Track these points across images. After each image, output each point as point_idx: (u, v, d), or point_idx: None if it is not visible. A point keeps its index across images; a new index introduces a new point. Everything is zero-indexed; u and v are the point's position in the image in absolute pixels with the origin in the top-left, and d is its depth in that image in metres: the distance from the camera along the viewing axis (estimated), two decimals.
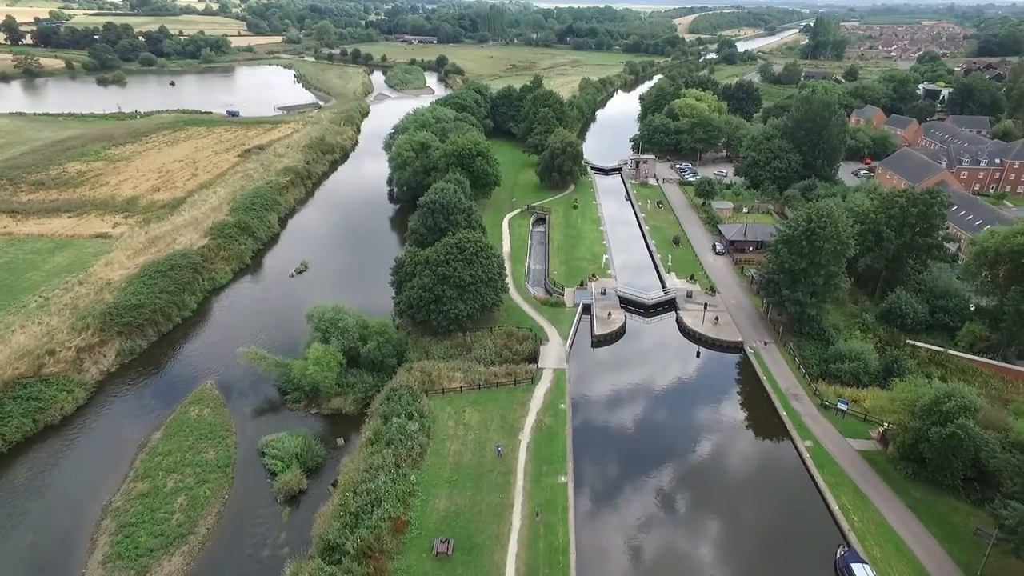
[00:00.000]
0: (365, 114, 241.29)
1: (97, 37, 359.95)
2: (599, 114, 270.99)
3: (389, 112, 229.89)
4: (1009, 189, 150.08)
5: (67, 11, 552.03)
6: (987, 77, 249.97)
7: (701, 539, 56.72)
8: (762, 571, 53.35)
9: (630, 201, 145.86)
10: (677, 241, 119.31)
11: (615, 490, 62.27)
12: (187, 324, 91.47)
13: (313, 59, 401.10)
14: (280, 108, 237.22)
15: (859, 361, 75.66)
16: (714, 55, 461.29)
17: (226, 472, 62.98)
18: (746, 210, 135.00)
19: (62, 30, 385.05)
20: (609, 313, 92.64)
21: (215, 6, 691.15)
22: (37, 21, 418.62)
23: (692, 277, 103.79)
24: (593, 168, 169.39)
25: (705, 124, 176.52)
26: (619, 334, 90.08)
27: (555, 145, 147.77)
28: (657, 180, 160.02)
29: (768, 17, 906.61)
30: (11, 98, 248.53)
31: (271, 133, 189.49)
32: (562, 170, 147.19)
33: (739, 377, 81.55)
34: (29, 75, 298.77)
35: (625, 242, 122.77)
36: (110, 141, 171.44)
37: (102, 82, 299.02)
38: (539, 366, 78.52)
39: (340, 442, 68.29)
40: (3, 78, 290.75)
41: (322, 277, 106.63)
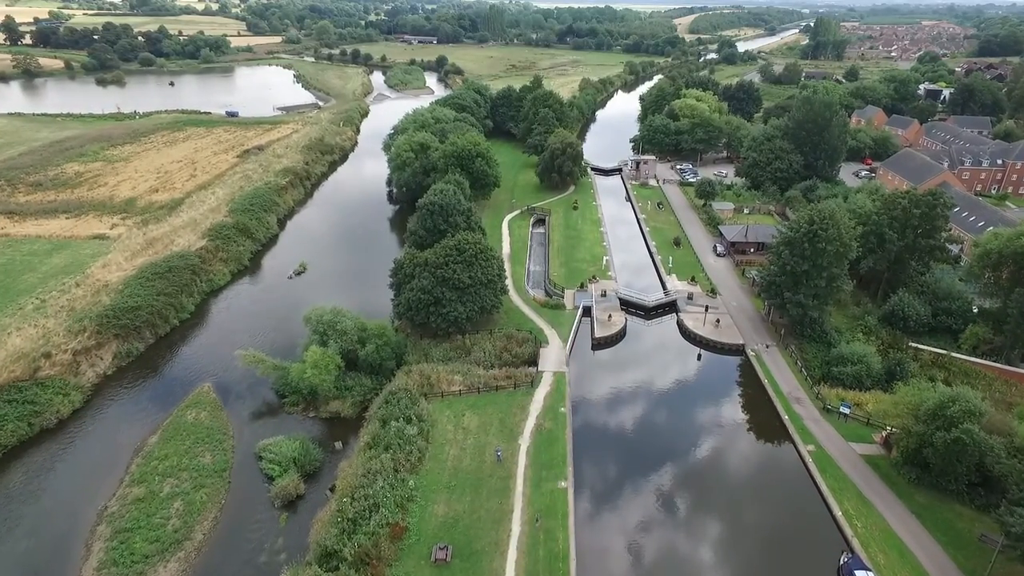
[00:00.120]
0: (364, 114, 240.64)
1: (96, 37, 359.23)
2: (599, 114, 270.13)
3: (389, 112, 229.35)
4: (1011, 190, 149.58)
5: (66, 11, 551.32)
6: (988, 77, 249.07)
7: (703, 545, 56.08)
8: None
9: (630, 202, 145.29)
10: (678, 242, 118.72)
11: (616, 495, 61.61)
12: (185, 326, 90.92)
13: (313, 59, 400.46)
14: (279, 108, 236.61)
15: (861, 364, 74.95)
16: (714, 55, 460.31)
17: (223, 476, 62.35)
18: (747, 211, 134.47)
19: (61, 30, 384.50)
20: (609, 315, 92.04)
21: (215, 6, 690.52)
22: (36, 21, 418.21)
23: (693, 279, 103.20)
24: (593, 169, 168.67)
25: (705, 125, 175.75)
26: (619, 336, 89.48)
27: (555, 146, 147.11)
28: (657, 181, 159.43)
29: (768, 17, 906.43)
30: (10, 98, 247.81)
31: (270, 134, 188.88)
32: (562, 171, 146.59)
33: (740, 380, 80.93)
34: (28, 75, 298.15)
35: (625, 243, 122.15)
36: (109, 142, 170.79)
37: (101, 82, 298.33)
38: (539, 369, 77.92)
39: (338, 446, 67.66)
40: (2, 78, 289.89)
41: (321, 279, 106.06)
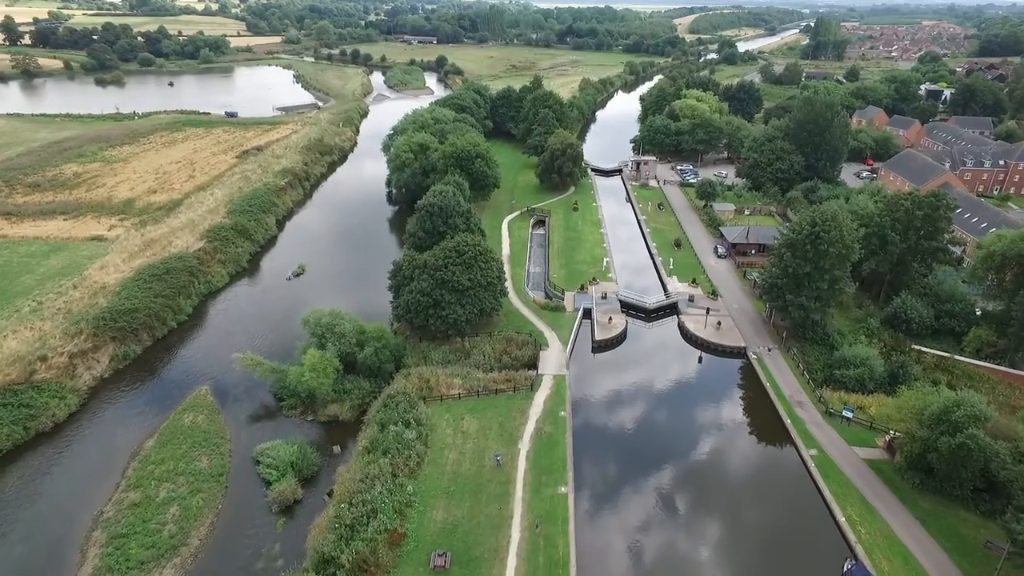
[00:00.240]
0: (364, 115, 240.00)
1: (96, 37, 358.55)
2: (599, 115, 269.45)
3: (388, 113, 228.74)
4: (1013, 191, 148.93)
5: (66, 11, 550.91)
6: (989, 77, 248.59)
7: (705, 552, 55.42)
8: None
9: (631, 203, 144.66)
10: (678, 244, 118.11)
11: (617, 501, 60.97)
12: (182, 328, 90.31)
13: (312, 59, 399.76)
14: (279, 109, 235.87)
15: (864, 367, 74.34)
16: (714, 55, 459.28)
17: (220, 481, 61.75)
18: (748, 212, 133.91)
19: (61, 30, 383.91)
20: (610, 318, 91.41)
21: (214, 6, 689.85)
22: (36, 21, 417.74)
23: (694, 281, 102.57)
24: (593, 169, 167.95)
25: (706, 125, 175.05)
26: (620, 339, 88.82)
27: (555, 146, 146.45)
28: (658, 182, 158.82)
29: (768, 17, 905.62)
30: (9, 99, 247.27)
31: (269, 134, 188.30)
32: (562, 172, 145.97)
33: (742, 383, 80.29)
34: (27, 75, 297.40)
35: (626, 245, 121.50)
36: (107, 142, 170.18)
37: (100, 83, 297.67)
38: (539, 372, 77.27)
39: (336, 450, 67.01)
40: (1, 79, 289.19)
41: (319, 280, 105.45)
